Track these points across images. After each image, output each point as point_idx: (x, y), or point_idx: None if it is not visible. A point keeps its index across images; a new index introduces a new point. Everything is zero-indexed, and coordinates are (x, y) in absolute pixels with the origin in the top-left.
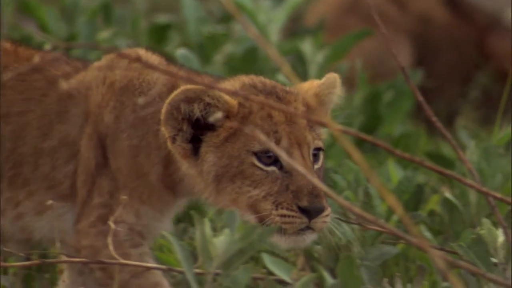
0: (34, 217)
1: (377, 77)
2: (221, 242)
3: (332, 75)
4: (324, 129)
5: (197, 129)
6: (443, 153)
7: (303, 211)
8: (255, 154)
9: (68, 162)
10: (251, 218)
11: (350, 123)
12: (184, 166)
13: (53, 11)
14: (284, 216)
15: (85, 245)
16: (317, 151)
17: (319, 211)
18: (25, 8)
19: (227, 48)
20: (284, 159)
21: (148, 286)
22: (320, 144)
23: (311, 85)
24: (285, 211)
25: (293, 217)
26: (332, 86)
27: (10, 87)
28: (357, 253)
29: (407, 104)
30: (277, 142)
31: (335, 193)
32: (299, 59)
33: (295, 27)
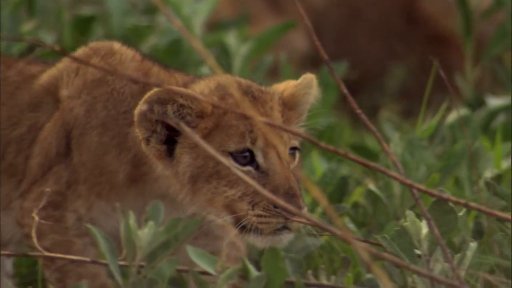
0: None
1: (302, 69)
2: (145, 234)
3: (308, 76)
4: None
5: (171, 130)
6: (367, 145)
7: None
8: (231, 154)
9: (30, 146)
10: (228, 218)
11: None
12: (159, 167)
13: None
14: (260, 216)
15: (29, 224)
16: (293, 150)
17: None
18: None
19: (151, 40)
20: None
21: (87, 275)
22: (296, 143)
23: (287, 85)
24: (261, 211)
25: (269, 217)
26: (308, 86)
27: None
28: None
29: (331, 96)
30: (253, 142)
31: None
32: (223, 52)
33: (219, 20)
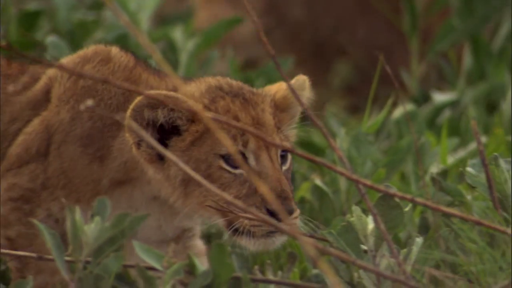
0: None
1: (248, 64)
2: (91, 230)
3: (301, 77)
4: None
5: (162, 134)
6: (314, 141)
7: (272, 213)
8: (223, 157)
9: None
10: (220, 221)
11: None
12: (150, 171)
13: None
14: (252, 219)
15: None
16: (284, 153)
17: (288, 213)
18: None
19: (98, 35)
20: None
21: (46, 270)
22: (288, 145)
23: (279, 87)
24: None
25: (261, 220)
26: (301, 88)
27: None
28: (228, 241)
29: None
30: (245, 144)
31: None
32: (169, 47)
33: (166, 14)
